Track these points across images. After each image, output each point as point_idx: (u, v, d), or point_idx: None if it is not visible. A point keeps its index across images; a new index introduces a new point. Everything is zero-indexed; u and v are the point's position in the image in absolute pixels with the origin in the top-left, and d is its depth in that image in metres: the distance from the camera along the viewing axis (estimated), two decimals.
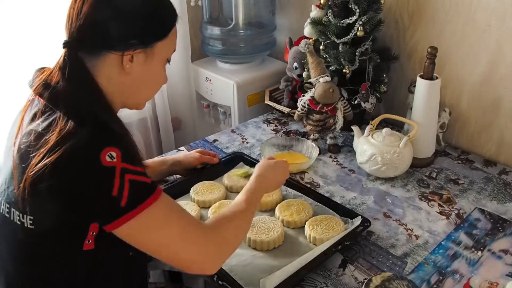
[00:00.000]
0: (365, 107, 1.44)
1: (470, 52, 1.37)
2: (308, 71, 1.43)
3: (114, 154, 0.73)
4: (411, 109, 1.36)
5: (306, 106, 1.40)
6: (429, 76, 1.29)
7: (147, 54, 0.84)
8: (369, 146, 1.28)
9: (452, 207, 1.20)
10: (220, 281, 0.95)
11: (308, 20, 1.50)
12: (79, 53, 0.80)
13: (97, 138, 0.74)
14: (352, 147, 1.41)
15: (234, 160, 1.38)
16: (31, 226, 0.79)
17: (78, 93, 0.79)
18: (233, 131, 1.63)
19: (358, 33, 1.36)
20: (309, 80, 1.42)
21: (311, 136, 1.46)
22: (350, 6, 1.36)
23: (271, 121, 1.69)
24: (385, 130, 1.30)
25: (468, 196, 1.24)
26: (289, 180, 1.26)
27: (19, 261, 0.84)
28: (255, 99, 1.84)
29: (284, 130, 1.62)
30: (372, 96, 1.45)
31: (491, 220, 1.15)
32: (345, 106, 1.41)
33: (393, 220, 1.16)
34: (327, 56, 1.45)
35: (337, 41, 1.41)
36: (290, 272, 0.94)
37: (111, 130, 0.78)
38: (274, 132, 1.61)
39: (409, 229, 1.12)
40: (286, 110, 1.66)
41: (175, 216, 0.80)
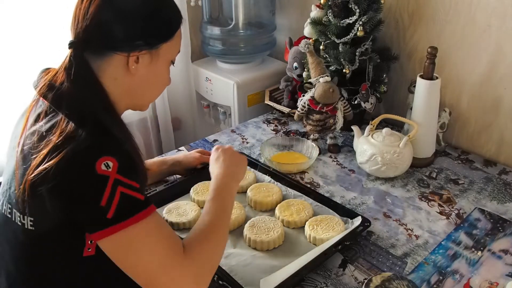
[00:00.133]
0: (365, 107, 1.44)
1: (470, 52, 1.37)
2: (308, 71, 1.43)
3: (111, 164, 0.72)
4: (411, 109, 1.36)
5: (306, 106, 1.40)
6: (429, 76, 1.29)
7: (152, 55, 0.84)
8: (369, 146, 1.28)
9: (452, 207, 1.20)
10: (220, 281, 0.95)
11: (308, 20, 1.50)
12: (85, 54, 0.80)
13: (96, 144, 0.74)
14: (352, 147, 1.41)
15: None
16: (32, 228, 0.79)
17: (81, 95, 0.79)
18: (233, 131, 1.63)
19: (358, 33, 1.36)
20: (309, 80, 1.42)
21: (311, 136, 1.46)
22: (350, 6, 1.36)
23: (271, 121, 1.69)
24: (385, 130, 1.30)
25: (468, 196, 1.24)
26: (289, 180, 1.27)
27: (20, 262, 0.84)
28: (255, 99, 1.84)
29: (284, 130, 1.62)
30: (372, 96, 1.45)
31: (491, 220, 1.15)
32: (345, 106, 1.41)
33: (393, 220, 1.16)
34: (327, 56, 1.45)
35: (337, 41, 1.41)
36: (290, 272, 0.93)
37: (112, 136, 0.76)
38: (274, 132, 1.61)
39: (409, 229, 1.12)
40: (286, 110, 1.66)
41: (159, 240, 0.76)
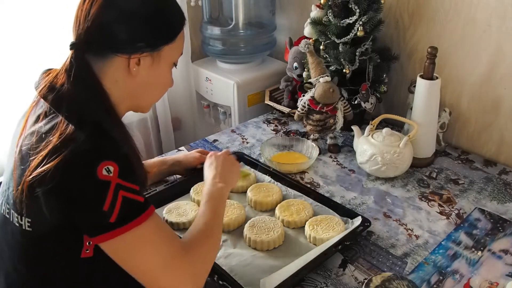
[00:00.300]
0: (365, 107, 1.44)
1: (470, 52, 1.37)
2: (308, 71, 1.43)
3: (112, 169, 0.72)
4: (411, 109, 1.36)
5: (306, 106, 1.40)
6: (429, 76, 1.29)
7: (154, 58, 0.84)
8: (369, 146, 1.28)
9: (452, 207, 1.20)
10: (220, 281, 0.95)
11: (308, 20, 1.50)
12: (86, 55, 0.80)
13: (96, 147, 0.74)
14: (352, 147, 1.40)
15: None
16: (29, 229, 0.79)
17: (82, 97, 0.79)
18: (233, 131, 1.63)
19: (358, 33, 1.36)
20: (309, 80, 1.42)
21: (311, 136, 1.46)
22: (350, 6, 1.36)
23: (271, 121, 1.69)
24: (385, 130, 1.30)
25: (468, 196, 1.24)
26: (289, 180, 1.27)
27: (19, 262, 0.84)
28: (255, 99, 1.84)
29: (284, 130, 1.62)
30: (372, 96, 1.45)
31: (491, 220, 1.15)
32: (345, 106, 1.41)
33: (393, 220, 1.16)
34: (327, 56, 1.45)
35: (337, 41, 1.41)
36: (290, 272, 0.93)
37: (111, 139, 0.76)
38: (274, 132, 1.61)
39: (409, 229, 1.12)
40: (286, 110, 1.66)
41: (160, 240, 0.78)
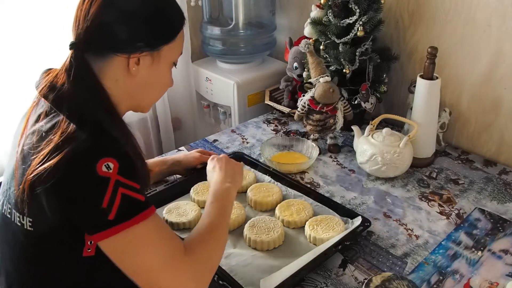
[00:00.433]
0: (365, 107, 1.44)
1: (470, 52, 1.37)
2: (308, 71, 1.43)
3: (111, 165, 0.71)
4: (411, 109, 1.36)
5: (306, 106, 1.40)
6: (429, 76, 1.29)
7: (154, 57, 0.84)
8: (369, 146, 1.28)
9: (452, 207, 1.20)
10: (220, 281, 0.95)
11: (308, 20, 1.50)
12: (86, 55, 0.80)
13: (97, 145, 0.73)
14: (352, 147, 1.40)
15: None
16: (31, 228, 0.79)
17: (82, 96, 0.79)
18: (233, 131, 1.63)
19: (358, 33, 1.36)
20: (309, 80, 1.42)
21: (311, 136, 1.46)
22: (350, 6, 1.36)
23: (271, 121, 1.69)
24: (385, 130, 1.30)
25: (468, 196, 1.24)
26: (289, 180, 1.27)
27: (20, 262, 0.84)
28: (255, 99, 1.84)
29: (284, 130, 1.62)
30: (372, 96, 1.45)
31: (491, 220, 1.15)
32: (345, 106, 1.41)
33: (393, 220, 1.16)
34: (327, 56, 1.45)
35: (337, 41, 1.41)
36: (290, 272, 0.93)
37: (112, 137, 0.76)
38: (274, 132, 1.61)
39: (409, 229, 1.12)
40: (286, 110, 1.66)
41: (160, 240, 0.77)
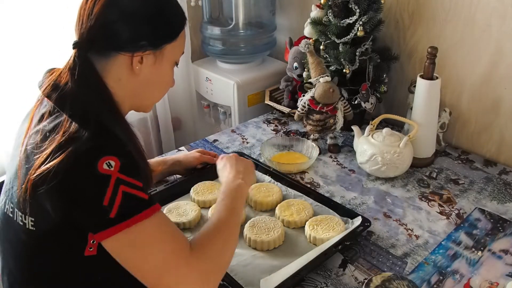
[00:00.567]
0: (365, 107, 1.44)
1: (470, 52, 1.37)
2: (308, 71, 1.43)
3: (113, 163, 0.71)
4: (411, 109, 1.36)
5: (306, 106, 1.40)
6: (429, 76, 1.29)
7: (157, 56, 0.84)
8: (369, 146, 1.28)
9: (452, 207, 1.20)
10: (221, 281, 0.95)
11: (308, 20, 1.50)
12: (89, 54, 0.80)
13: (98, 144, 0.73)
14: (352, 147, 1.40)
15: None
16: (33, 228, 0.79)
17: (85, 95, 0.79)
18: (233, 131, 1.63)
19: (358, 33, 1.36)
20: (309, 80, 1.42)
21: (311, 136, 1.46)
22: (350, 6, 1.36)
23: (271, 121, 1.69)
24: (385, 130, 1.30)
25: (468, 196, 1.24)
26: (289, 180, 1.27)
27: (21, 261, 0.84)
28: (255, 99, 1.84)
29: (284, 130, 1.62)
30: (372, 96, 1.45)
31: (491, 220, 1.15)
32: (345, 106, 1.41)
33: (393, 220, 1.16)
34: (327, 56, 1.45)
35: (337, 41, 1.41)
36: (290, 272, 0.93)
37: (114, 137, 0.76)
38: (274, 132, 1.61)
39: (409, 229, 1.12)
40: (286, 110, 1.66)
41: (164, 239, 0.76)
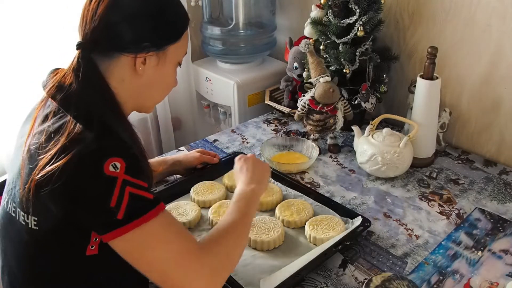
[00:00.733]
0: (365, 107, 1.44)
1: (470, 52, 1.37)
2: (308, 71, 1.43)
3: (118, 165, 0.72)
4: (411, 109, 1.36)
5: (306, 106, 1.40)
6: (429, 76, 1.29)
7: (160, 57, 0.84)
8: (369, 146, 1.28)
9: (453, 207, 1.20)
10: None
11: (308, 20, 1.50)
12: (92, 55, 0.81)
13: (103, 146, 0.74)
14: (352, 147, 1.40)
15: (234, 160, 1.37)
16: (35, 227, 0.79)
17: (89, 96, 0.79)
18: (233, 131, 1.63)
19: (358, 33, 1.36)
20: (309, 80, 1.42)
21: (311, 136, 1.46)
22: (350, 6, 1.36)
23: (271, 121, 1.69)
24: (385, 130, 1.30)
25: (468, 196, 1.24)
26: (289, 180, 1.27)
27: (23, 260, 0.84)
28: (255, 99, 1.84)
29: (284, 130, 1.62)
30: (372, 96, 1.45)
31: (491, 220, 1.15)
32: (345, 106, 1.41)
33: (393, 220, 1.16)
34: (327, 56, 1.45)
35: (337, 41, 1.41)
36: (290, 272, 0.93)
37: (118, 138, 0.76)
38: (274, 132, 1.61)
39: (409, 229, 1.12)
40: (286, 110, 1.66)
41: (172, 236, 0.76)
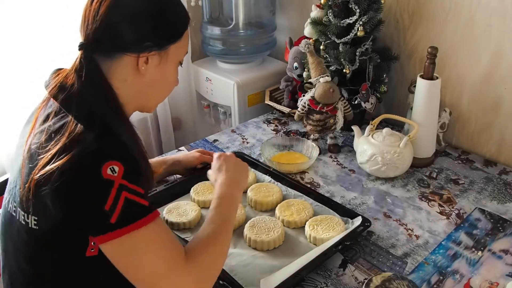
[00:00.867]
0: (365, 107, 1.44)
1: (470, 52, 1.37)
2: (308, 71, 1.43)
3: (117, 169, 0.72)
4: (411, 109, 1.36)
5: (306, 106, 1.40)
6: (429, 76, 1.29)
7: (161, 56, 0.85)
8: (369, 146, 1.28)
9: (453, 207, 1.20)
10: (221, 281, 0.95)
11: (309, 20, 1.50)
12: (94, 55, 0.81)
13: (103, 148, 0.74)
14: (352, 147, 1.40)
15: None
16: (36, 227, 0.79)
17: (91, 96, 0.79)
18: (233, 131, 1.63)
19: (358, 33, 1.36)
20: (309, 80, 1.42)
21: (311, 136, 1.46)
22: (350, 6, 1.36)
23: (271, 121, 1.69)
24: (386, 130, 1.30)
25: (468, 196, 1.24)
26: (289, 180, 1.27)
27: (24, 260, 0.84)
28: (255, 99, 1.84)
29: (284, 130, 1.62)
30: (372, 96, 1.45)
31: (491, 220, 1.15)
32: (345, 106, 1.41)
33: (394, 220, 1.16)
34: (327, 56, 1.45)
35: (338, 41, 1.41)
36: (290, 272, 0.93)
37: (119, 140, 0.76)
38: (274, 132, 1.61)
39: (410, 229, 1.12)
40: (286, 110, 1.66)
41: (161, 245, 0.76)
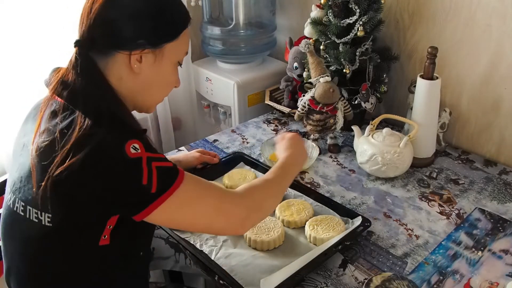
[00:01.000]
0: (365, 107, 1.44)
1: (470, 52, 1.37)
2: (308, 71, 1.43)
3: (137, 146, 0.76)
4: (411, 109, 1.36)
5: (307, 106, 1.40)
6: (429, 76, 1.29)
7: (156, 55, 0.85)
8: (370, 146, 1.28)
9: (453, 207, 1.20)
10: (221, 281, 0.95)
11: (309, 20, 1.50)
12: (90, 53, 0.81)
13: (118, 133, 0.77)
14: (353, 147, 1.40)
15: (234, 160, 1.38)
16: (49, 224, 0.79)
17: (93, 90, 0.81)
18: (233, 131, 1.63)
19: (358, 33, 1.36)
20: (309, 80, 1.42)
21: (311, 136, 1.46)
22: (350, 6, 1.36)
23: (272, 121, 1.69)
24: (386, 130, 1.30)
25: (468, 196, 1.24)
26: None
27: (30, 259, 0.85)
28: (255, 99, 1.84)
29: (284, 130, 1.62)
30: (373, 96, 1.45)
31: (492, 220, 1.15)
32: (345, 106, 1.41)
33: (394, 220, 1.16)
34: (328, 56, 1.45)
35: (338, 41, 1.41)
36: (290, 272, 0.94)
37: (128, 125, 0.80)
38: (275, 132, 1.61)
39: (410, 229, 1.12)
40: (287, 110, 1.66)
41: (204, 190, 0.84)
